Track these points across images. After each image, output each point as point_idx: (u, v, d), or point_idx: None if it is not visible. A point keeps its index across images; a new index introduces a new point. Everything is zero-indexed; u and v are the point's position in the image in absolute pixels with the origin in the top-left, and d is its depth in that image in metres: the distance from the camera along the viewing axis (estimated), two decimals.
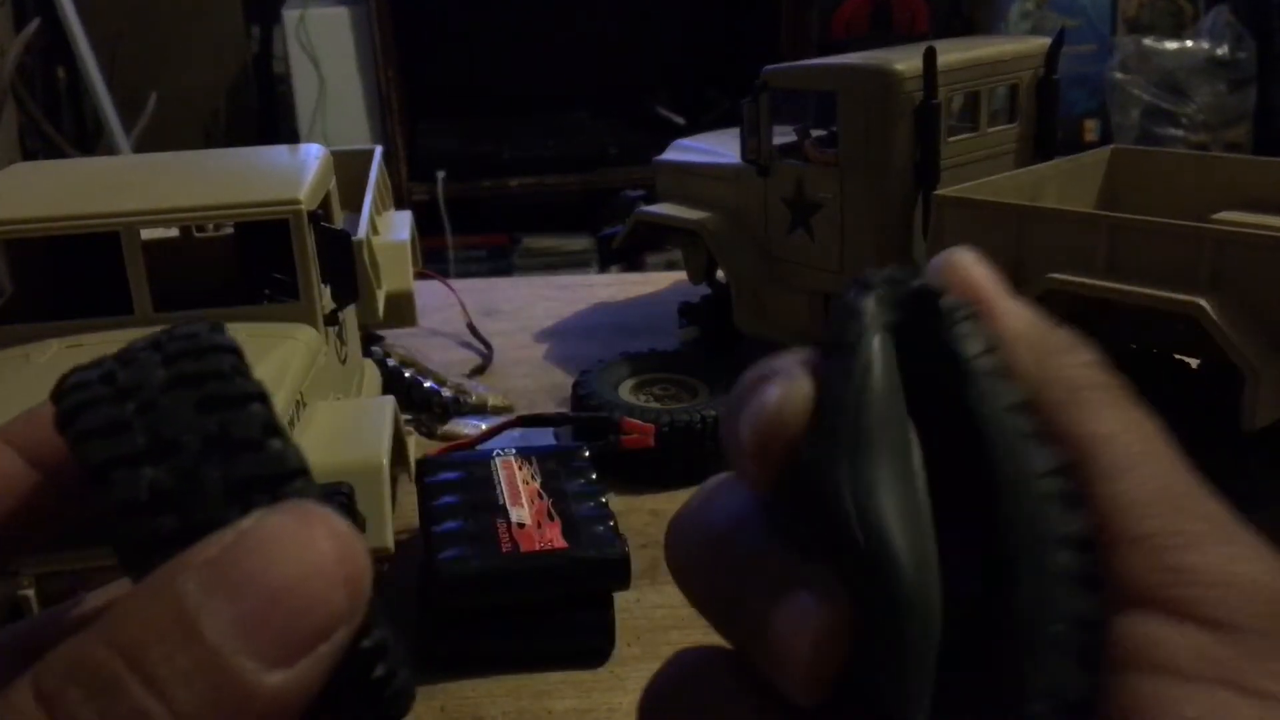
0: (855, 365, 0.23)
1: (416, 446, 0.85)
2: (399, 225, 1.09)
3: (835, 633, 0.22)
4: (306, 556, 0.21)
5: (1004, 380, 0.23)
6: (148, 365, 0.24)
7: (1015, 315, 0.25)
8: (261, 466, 0.23)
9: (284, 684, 0.21)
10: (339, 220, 0.84)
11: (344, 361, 0.81)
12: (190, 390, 0.23)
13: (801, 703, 0.23)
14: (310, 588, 0.21)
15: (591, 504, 0.70)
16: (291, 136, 2.81)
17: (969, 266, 0.26)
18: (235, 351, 0.24)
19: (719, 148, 1.08)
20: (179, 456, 0.23)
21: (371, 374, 0.92)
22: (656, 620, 0.70)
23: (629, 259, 1.80)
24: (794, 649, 0.23)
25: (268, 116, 2.98)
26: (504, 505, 0.70)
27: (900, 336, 0.24)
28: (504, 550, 0.65)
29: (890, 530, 0.22)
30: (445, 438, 0.92)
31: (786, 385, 0.24)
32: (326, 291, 0.77)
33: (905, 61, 0.87)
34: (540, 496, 0.70)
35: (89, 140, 2.67)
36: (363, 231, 0.90)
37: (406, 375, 0.98)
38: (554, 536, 0.66)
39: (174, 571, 0.21)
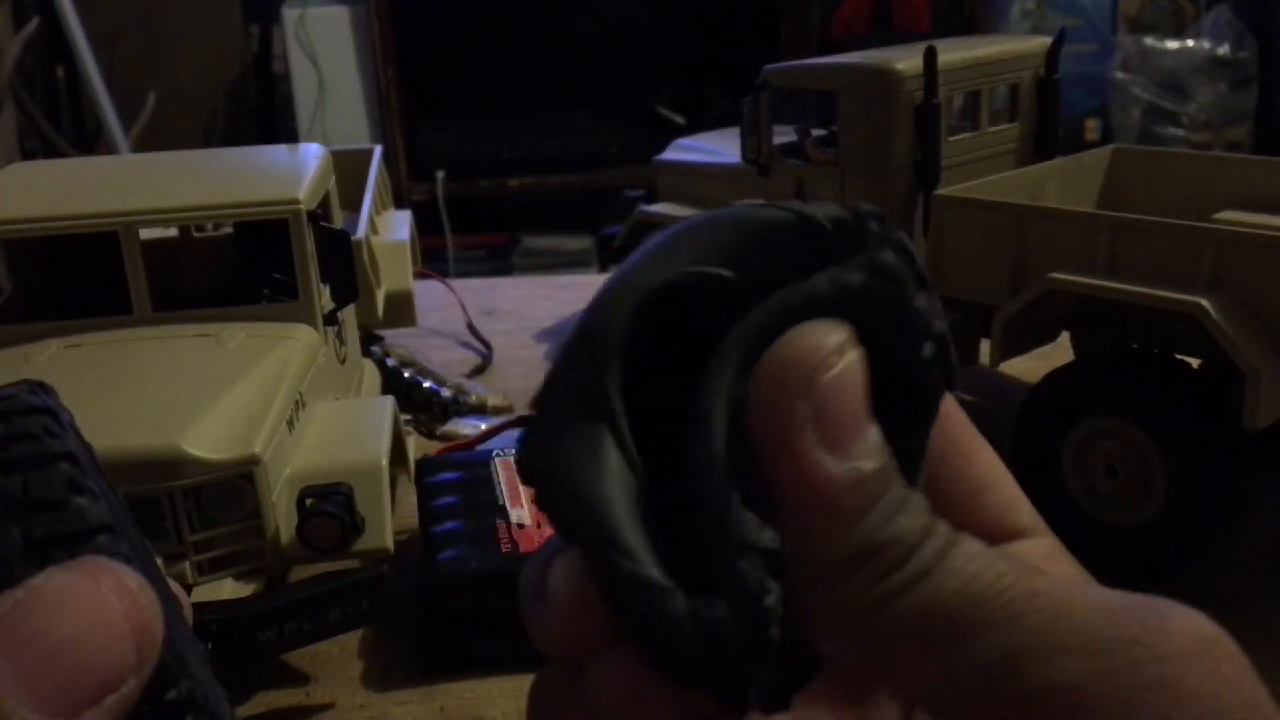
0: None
1: (416, 446, 0.85)
2: (398, 225, 1.09)
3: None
4: (91, 611, 0.22)
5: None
6: None
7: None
8: (61, 524, 0.24)
9: None
10: (338, 220, 0.84)
11: (343, 361, 0.81)
12: None
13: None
14: (94, 641, 0.22)
15: None
16: (291, 136, 2.80)
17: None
18: (50, 412, 0.25)
19: (719, 148, 1.08)
20: None
21: (371, 374, 0.92)
22: None
23: None
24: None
25: (267, 116, 2.97)
26: (504, 505, 0.70)
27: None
28: (504, 550, 0.65)
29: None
30: (445, 438, 0.92)
31: None
32: (326, 291, 0.77)
33: (905, 61, 0.87)
34: None
35: (88, 140, 2.67)
36: (362, 231, 0.90)
37: (406, 375, 0.98)
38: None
39: None
